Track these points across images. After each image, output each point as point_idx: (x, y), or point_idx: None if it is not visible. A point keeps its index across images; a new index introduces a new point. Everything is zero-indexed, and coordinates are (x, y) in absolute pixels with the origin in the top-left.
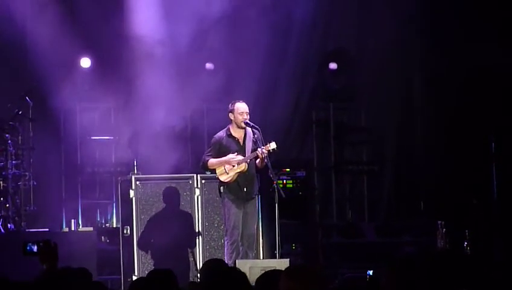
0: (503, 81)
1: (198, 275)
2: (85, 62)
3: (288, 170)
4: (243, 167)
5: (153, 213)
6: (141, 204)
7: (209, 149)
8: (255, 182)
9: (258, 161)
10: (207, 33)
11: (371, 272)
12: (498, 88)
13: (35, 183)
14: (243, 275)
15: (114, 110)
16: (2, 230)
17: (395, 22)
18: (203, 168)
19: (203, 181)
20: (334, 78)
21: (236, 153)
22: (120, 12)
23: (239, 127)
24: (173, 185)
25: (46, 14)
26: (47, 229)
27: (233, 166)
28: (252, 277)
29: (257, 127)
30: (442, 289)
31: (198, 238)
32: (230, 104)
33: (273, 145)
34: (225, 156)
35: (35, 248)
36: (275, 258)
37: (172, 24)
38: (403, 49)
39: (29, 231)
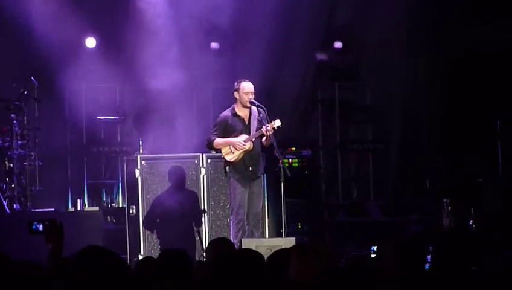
0: (509, 60)
1: (204, 254)
2: (90, 42)
3: (293, 149)
4: (248, 145)
5: (159, 192)
6: (147, 184)
7: (215, 128)
8: (261, 161)
9: (263, 138)
10: (213, 12)
11: (375, 248)
12: (504, 66)
13: (40, 163)
14: (260, 255)
15: (119, 90)
16: (8, 210)
17: (400, 1)
18: (209, 147)
19: (208, 160)
20: (339, 57)
21: (241, 133)
22: None
23: (244, 106)
24: (179, 164)
25: None
26: (53, 209)
27: (238, 149)
28: None
29: (262, 106)
30: (448, 267)
31: (204, 218)
32: (235, 83)
33: (277, 123)
34: (231, 135)
35: (41, 227)
36: (281, 237)
37: (178, 2)
38: (409, 27)
39: (34, 211)
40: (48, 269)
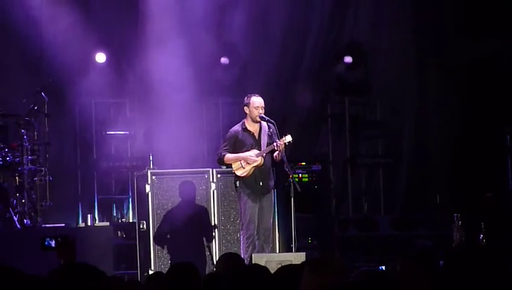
0: None
1: (215, 269)
2: (100, 57)
3: (303, 163)
4: (259, 161)
5: (169, 208)
6: (157, 199)
7: (225, 143)
8: (271, 176)
9: (275, 154)
10: (223, 27)
11: (383, 268)
12: None
13: (51, 178)
14: (265, 269)
15: (129, 105)
16: (19, 226)
17: (409, 14)
18: (220, 162)
19: (218, 175)
20: (349, 72)
21: (251, 148)
22: (135, 7)
23: (254, 121)
24: (189, 179)
25: (61, 9)
26: (63, 225)
27: (250, 162)
28: None
29: (272, 121)
30: (459, 282)
31: (214, 233)
32: (245, 98)
33: (288, 138)
34: (241, 150)
35: (53, 243)
36: (291, 252)
37: (188, 18)
38: (418, 41)
39: (45, 227)
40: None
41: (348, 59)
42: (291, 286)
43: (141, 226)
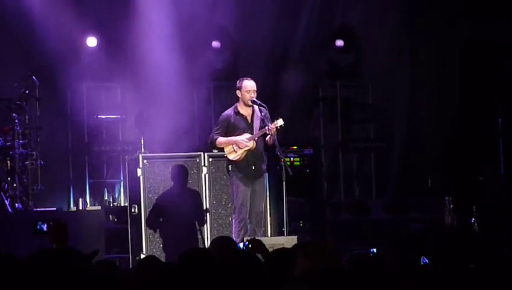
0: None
1: None
2: (91, 41)
3: (295, 147)
4: (251, 145)
5: (161, 192)
6: (149, 183)
7: (217, 127)
8: (263, 159)
9: (266, 137)
10: (214, 11)
11: (374, 250)
12: (506, 62)
13: (42, 162)
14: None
15: (121, 89)
16: (10, 210)
17: None
18: (211, 146)
19: (210, 159)
20: (340, 55)
21: (243, 132)
22: None
23: (246, 105)
24: (180, 163)
25: None
26: (55, 209)
27: (242, 147)
28: None
29: (264, 105)
30: (449, 264)
31: (206, 216)
32: (237, 82)
33: (280, 122)
34: (233, 133)
35: (45, 227)
36: (283, 235)
37: (179, 1)
38: (410, 25)
39: (36, 211)
40: None
41: (340, 43)
42: (284, 269)
43: (133, 210)
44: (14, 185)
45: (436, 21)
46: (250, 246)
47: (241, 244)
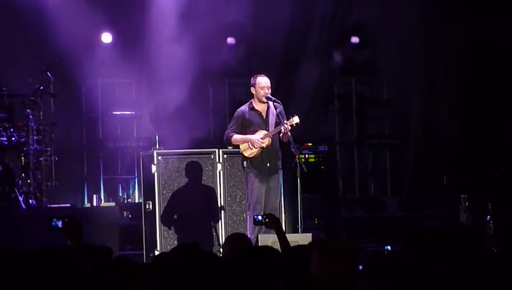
0: None
1: (221, 249)
2: (106, 37)
3: (310, 144)
4: (267, 141)
5: (175, 188)
6: (163, 179)
7: (232, 123)
8: (279, 156)
9: (281, 134)
10: (229, 7)
11: (389, 247)
12: None
13: (56, 158)
14: (275, 250)
15: (135, 85)
16: (24, 206)
17: None
18: (227, 143)
19: (225, 156)
20: (356, 52)
21: (258, 127)
22: None
23: (261, 101)
24: (195, 159)
25: None
26: (69, 205)
27: (257, 147)
28: None
29: (279, 101)
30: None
31: (221, 213)
32: (252, 78)
33: (296, 120)
34: (248, 129)
35: (60, 224)
36: (298, 232)
37: None
38: (426, 21)
39: (50, 207)
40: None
41: (355, 39)
42: (301, 266)
43: (147, 207)
44: (28, 181)
45: (453, 17)
46: (267, 220)
47: (259, 217)
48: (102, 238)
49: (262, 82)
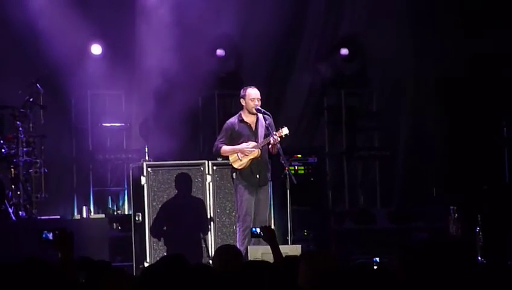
0: None
1: (211, 261)
2: (96, 49)
3: (299, 156)
4: (256, 153)
5: (165, 200)
6: (153, 191)
7: (221, 135)
8: (268, 168)
9: (270, 146)
10: (218, 19)
11: (377, 259)
12: (510, 72)
13: (46, 170)
14: (265, 263)
15: (125, 97)
16: (14, 218)
17: (406, 5)
18: (216, 154)
19: (214, 167)
20: (345, 64)
21: (248, 139)
22: None
23: (250, 112)
24: (184, 171)
25: (57, 0)
26: (58, 217)
27: (247, 154)
28: None
29: (268, 113)
30: (450, 274)
31: (210, 225)
32: (241, 90)
33: (285, 131)
34: (237, 141)
35: (51, 236)
36: (287, 244)
37: (184, 9)
38: (415, 33)
39: (40, 219)
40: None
41: (345, 51)
42: (291, 277)
43: (137, 218)
44: (18, 193)
45: (442, 29)
46: (262, 233)
47: (257, 229)
48: (92, 250)
49: (252, 94)
